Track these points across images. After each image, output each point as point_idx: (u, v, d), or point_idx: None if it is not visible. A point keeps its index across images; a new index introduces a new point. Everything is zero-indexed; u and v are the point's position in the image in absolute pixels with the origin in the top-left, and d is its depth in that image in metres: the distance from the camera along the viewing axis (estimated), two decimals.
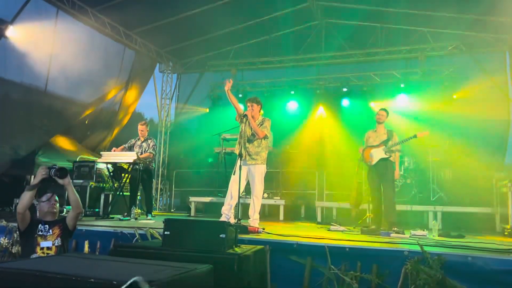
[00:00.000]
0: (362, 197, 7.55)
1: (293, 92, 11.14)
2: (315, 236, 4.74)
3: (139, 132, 7.50)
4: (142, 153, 7.29)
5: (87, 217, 7.15)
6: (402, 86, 10.13)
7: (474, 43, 9.57)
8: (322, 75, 11.17)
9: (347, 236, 5.24)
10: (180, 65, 12.24)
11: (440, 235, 5.53)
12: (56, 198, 3.89)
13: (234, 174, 5.57)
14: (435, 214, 7.37)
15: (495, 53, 9.55)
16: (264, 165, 5.73)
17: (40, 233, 3.66)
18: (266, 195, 8.31)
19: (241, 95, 10.94)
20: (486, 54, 9.65)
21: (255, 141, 5.73)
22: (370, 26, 10.18)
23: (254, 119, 5.73)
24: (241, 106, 6.02)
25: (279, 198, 8.66)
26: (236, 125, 6.15)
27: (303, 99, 11.14)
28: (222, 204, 5.80)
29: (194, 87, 12.42)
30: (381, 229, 5.74)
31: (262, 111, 6.05)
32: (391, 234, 5.32)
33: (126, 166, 7.26)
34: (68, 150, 9.49)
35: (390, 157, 6.13)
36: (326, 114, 10.92)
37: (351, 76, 10.81)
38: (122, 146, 7.56)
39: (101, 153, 7.60)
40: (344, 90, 10.74)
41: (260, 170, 5.66)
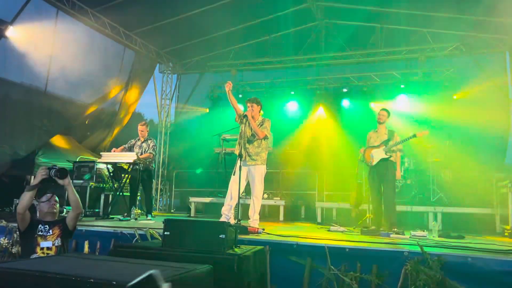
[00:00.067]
0: (362, 197, 7.56)
1: (293, 92, 11.15)
2: (315, 236, 4.74)
3: (139, 132, 7.50)
4: (142, 153, 7.29)
5: (87, 217, 7.15)
6: (402, 86, 10.15)
7: (474, 44, 9.57)
8: (322, 76, 11.17)
9: (347, 236, 5.25)
10: (180, 65, 12.24)
11: (440, 236, 5.53)
12: (56, 198, 3.89)
13: (234, 175, 5.57)
14: (435, 214, 7.36)
15: (495, 53, 9.55)
16: (264, 165, 5.73)
17: (40, 233, 3.66)
18: (266, 196, 8.31)
19: (241, 96, 10.93)
20: (486, 54, 9.65)
21: (255, 141, 5.72)
22: (370, 27, 10.18)
23: (254, 120, 5.73)
24: (240, 107, 6.02)
25: (279, 198, 8.65)
26: (236, 125, 6.15)
27: (303, 100, 11.14)
28: (222, 204, 5.80)
29: (194, 88, 12.42)
30: (381, 229, 5.74)
31: (262, 112, 6.05)
32: (391, 235, 5.32)
33: (126, 167, 7.26)
34: (68, 151, 9.48)
35: (390, 157, 6.13)
36: (326, 114, 10.92)
37: (351, 76, 10.81)
38: (122, 147, 7.56)
39: (101, 153, 7.60)
40: (344, 90, 10.75)
41: (260, 171, 5.66)
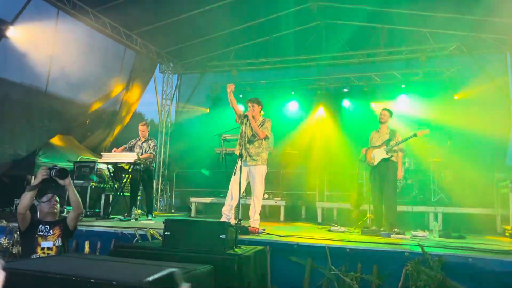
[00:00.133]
0: (362, 197, 7.55)
1: (293, 92, 11.16)
2: (316, 237, 4.74)
3: (140, 132, 7.51)
4: (142, 153, 7.29)
5: (88, 217, 7.15)
6: (402, 87, 10.15)
7: (475, 44, 9.57)
8: (322, 76, 11.17)
9: (348, 237, 5.25)
10: (180, 65, 12.24)
11: (440, 236, 5.53)
12: (56, 198, 3.89)
13: (234, 175, 5.57)
14: (436, 215, 7.35)
15: (496, 54, 9.54)
16: (264, 165, 5.72)
17: (40, 233, 3.66)
18: (266, 196, 8.31)
19: (241, 96, 10.93)
20: (487, 55, 9.65)
21: (256, 141, 5.72)
22: (370, 27, 10.17)
23: (254, 120, 5.73)
24: (241, 107, 6.02)
25: (280, 198, 8.65)
26: (236, 125, 6.14)
27: (304, 100, 11.15)
28: (222, 204, 5.79)
29: (195, 88, 12.42)
30: (381, 230, 5.74)
31: (263, 112, 6.04)
32: (392, 235, 5.32)
33: (126, 167, 7.27)
34: (68, 151, 9.49)
35: (391, 157, 6.12)
36: (326, 114, 10.92)
37: (352, 76, 10.81)
38: (122, 147, 7.56)
39: (101, 153, 7.60)
40: (344, 90, 10.77)
41: (260, 171, 5.66)
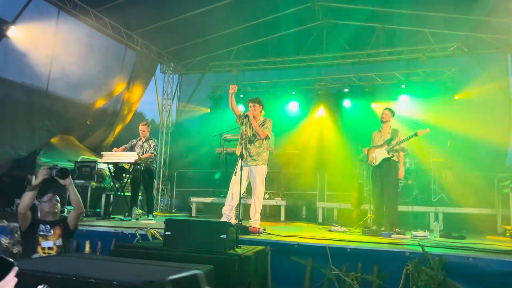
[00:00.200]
0: (363, 197, 7.55)
1: (294, 92, 11.15)
2: (316, 236, 4.74)
3: (140, 132, 7.51)
4: (143, 153, 7.29)
5: (88, 217, 7.15)
6: (403, 87, 10.14)
7: (476, 44, 9.55)
8: (323, 76, 11.16)
9: (348, 236, 5.25)
10: (181, 65, 12.24)
11: (441, 236, 5.53)
12: (57, 198, 3.89)
13: (235, 175, 5.57)
14: (436, 215, 7.35)
15: (497, 54, 9.53)
16: (265, 165, 5.72)
17: (41, 233, 3.66)
18: (267, 196, 8.30)
19: (242, 96, 10.93)
20: (487, 55, 9.64)
21: (256, 141, 5.72)
22: (371, 27, 10.17)
23: (255, 120, 5.73)
24: (241, 107, 6.02)
25: (280, 198, 8.65)
26: (237, 125, 6.14)
27: (304, 100, 11.14)
28: (223, 204, 5.79)
29: (195, 88, 12.43)
30: (382, 230, 5.73)
31: (264, 112, 6.04)
32: (392, 235, 5.32)
33: (127, 166, 7.27)
34: (69, 150, 9.49)
35: (393, 156, 6.10)
36: (327, 114, 10.91)
37: (353, 76, 10.80)
38: (123, 146, 7.56)
39: (102, 153, 7.60)
40: (345, 90, 10.75)
41: (261, 171, 5.65)
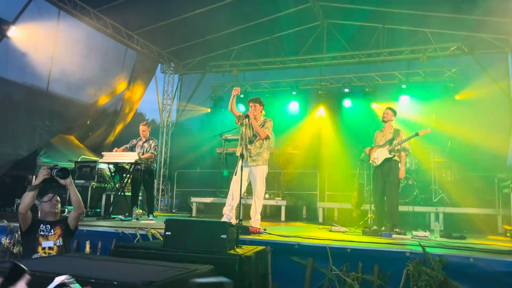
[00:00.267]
0: (363, 197, 7.54)
1: (294, 92, 11.15)
2: (317, 236, 4.74)
3: (141, 132, 7.51)
4: (143, 153, 7.29)
5: (89, 217, 7.15)
6: (404, 87, 10.13)
7: (476, 44, 9.55)
8: (324, 76, 11.17)
9: (349, 237, 5.24)
10: (181, 65, 12.24)
11: (441, 236, 5.52)
12: (58, 198, 3.88)
13: (235, 175, 5.57)
14: (437, 215, 7.34)
15: (497, 54, 9.52)
16: (265, 166, 5.72)
17: (41, 233, 3.66)
18: (267, 196, 8.30)
19: (242, 96, 10.90)
20: (488, 55, 9.63)
21: (257, 141, 5.71)
22: (372, 27, 10.16)
23: (256, 120, 5.72)
24: (241, 107, 6.02)
25: (281, 198, 8.65)
26: (237, 125, 6.14)
27: (305, 100, 11.14)
28: (223, 204, 5.79)
29: (196, 88, 12.41)
30: (382, 230, 5.73)
31: (264, 112, 6.04)
32: (393, 235, 5.31)
33: (127, 167, 7.27)
34: (69, 150, 9.50)
35: (394, 157, 6.09)
36: (327, 114, 10.91)
37: (353, 77, 10.80)
38: (123, 147, 7.56)
39: (102, 153, 7.60)
40: (346, 91, 10.75)
41: (261, 171, 5.65)
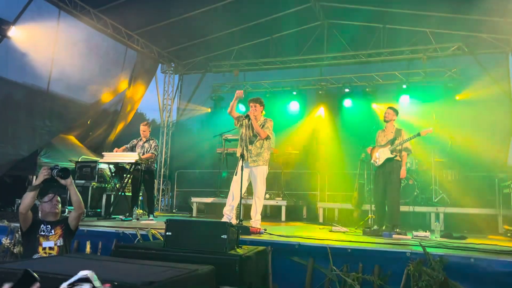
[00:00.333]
0: (364, 198, 7.55)
1: (295, 93, 11.15)
2: (317, 237, 4.73)
3: (141, 132, 7.51)
4: (144, 153, 7.29)
5: (89, 217, 7.15)
6: (404, 87, 10.13)
7: (477, 44, 9.53)
8: (324, 76, 11.16)
9: (349, 237, 5.24)
10: (182, 66, 12.24)
11: (442, 236, 5.52)
12: (58, 198, 3.88)
13: (235, 175, 5.57)
14: (437, 215, 7.34)
15: (498, 54, 9.51)
16: (266, 166, 5.71)
17: (42, 233, 3.66)
18: (267, 196, 8.29)
19: (243, 96, 10.91)
20: (488, 55, 9.62)
21: (257, 142, 5.71)
22: (372, 27, 10.16)
23: (256, 120, 5.72)
24: (241, 107, 6.02)
25: (281, 199, 8.65)
26: None
27: (305, 100, 11.14)
28: (223, 205, 5.79)
29: (196, 88, 12.41)
30: (383, 230, 5.73)
31: (264, 112, 6.04)
32: (393, 235, 5.31)
33: (128, 167, 7.27)
34: (70, 150, 9.50)
35: (396, 156, 6.09)
36: (328, 115, 10.90)
37: (354, 77, 10.79)
38: (123, 147, 7.56)
39: (103, 153, 7.60)
40: (346, 91, 10.74)
41: (262, 171, 5.65)
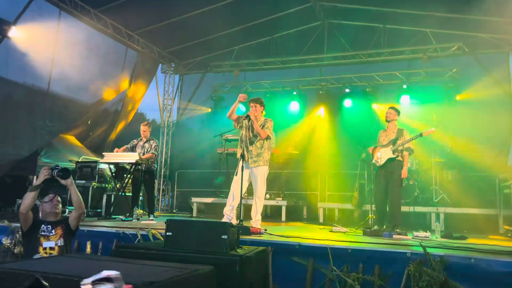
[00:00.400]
0: (364, 198, 7.54)
1: (295, 93, 11.15)
2: (317, 237, 4.73)
3: (141, 132, 7.51)
4: (144, 153, 7.29)
5: (89, 217, 7.16)
6: (404, 87, 10.13)
7: (477, 44, 9.53)
8: (324, 76, 11.16)
9: (349, 237, 5.24)
10: (182, 66, 12.24)
11: (442, 237, 5.52)
12: (59, 198, 3.88)
13: (236, 175, 5.57)
14: (438, 215, 7.33)
15: (498, 54, 9.50)
16: (266, 166, 5.71)
17: (43, 233, 3.66)
18: (268, 196, 8.28)
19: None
20: (489, 55, 9.61)
21: (257, 142, 5.71)
22: (373, 27, 10.15)
23: (256, 120, 5.72)
24: (240, 107, 6.02)
25: (281, 199, 8.65)
26: None
27: (305, 100, 11.13)
28: (224, 205, 5.80)
29: (196, 88, 12.42)
30: (383, 230, 5.72)
31: (264, 112, 6.04)
32: (394, 236, 5.31)
33: (128, 167, 7.27)
34: (70, 151, 9.50)
35: (397, 157, 6.08)
36: (328, 115, 10.90)
37: (354, 77, 10.79)
38: (124, 147, 7.56)
39: (103, 153, 7.60)
40: (346, 91, 10.74)
41: (262, 171, 5.66)
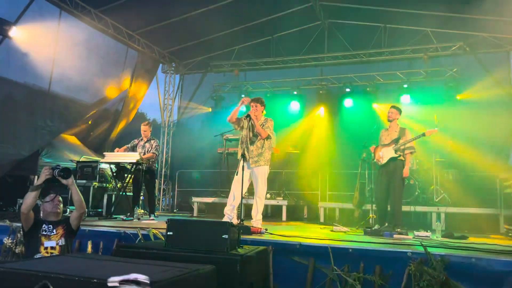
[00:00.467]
0: (365, 197, 7.54)
1: (295, 92, 11.16)
2: (318, 237, 4.74)
3: (142, 132, 7.51)
4: (145, 153, 7.29)
5: (90, 217, 7.16)
6: (405, 86, 10.13)
7: (478, 44, 9.53)
8: (325, 76, 11.16)
9: (350, 237, 5.24)
10: (182, 65, 12.24)
11: (443, 236, 5.52)
12: (60, 198, 3.89)
13: (237, 175, 5.57)
14: (439, 215, 7.34)
15: (499, 53, 9.51)
16: (267, 166, 5.71)
17: (44, 233, 3.67)
18: (268, 196, 8.28)
19: (243, 96, 10.93)
20: (490, 54, 9.61)
21: (258, 142, 5.71)
22: (373, 26, 10.16)
23: (256, 120, 5.72)
24: (242, 108, 6.04)
25: (282, 198, 8.65)
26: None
27: (306, 100, 11.14)
28: (224, 204, 5.80)
29: (197, 88, 12.42)
30: (384, 229, 5.72)
31: (265, 112, 6.04)
32: (394, 235, 5.30)
33: (129, 167, 7.27)
34: (71, 150, 9.51)
35: (400, 156, 6.07)
36: (328, 114, 10.90)
37: (354, 76, 10.79)
38: (124, 147, 7.57)
39: (104, 153, 7.61)
40: (347, 90, 10.74)
41: (263, 171, 5.66)
